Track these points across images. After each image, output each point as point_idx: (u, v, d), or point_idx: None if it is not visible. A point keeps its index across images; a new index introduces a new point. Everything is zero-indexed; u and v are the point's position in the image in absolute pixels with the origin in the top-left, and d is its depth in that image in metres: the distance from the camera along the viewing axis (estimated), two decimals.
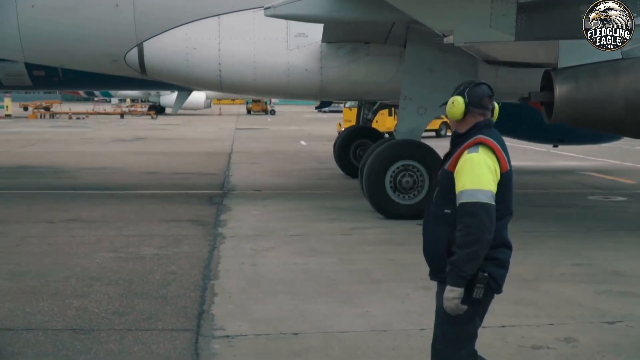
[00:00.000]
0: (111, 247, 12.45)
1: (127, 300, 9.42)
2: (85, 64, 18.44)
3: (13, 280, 10.34)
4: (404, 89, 16.29)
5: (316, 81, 17.62)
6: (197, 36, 17.49)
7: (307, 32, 17.25)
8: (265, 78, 17.61)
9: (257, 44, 17.48)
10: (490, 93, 5.58)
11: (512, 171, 5.44)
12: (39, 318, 8.70)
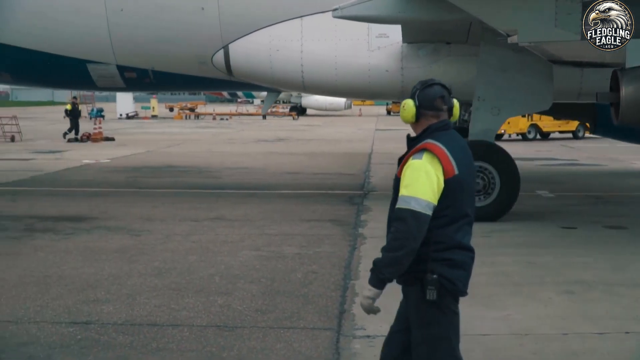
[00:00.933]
0: (254, 246, 12.61)
1: (270, 299, 9.52)
2: (174, 66, 18.87)
3: (159, 277, 10.57)
4: (477, 89, 15.99)
5: (397, 82, 17.50)
6: (280, 38, 17.67)
7: (389, 33, 17.11)
8: (346, 79, 17.65)
9: (338, 45, 17.54)
10: (441, 93, 5.40)
11: (465, 175, 5.28)
12: (184, 314, 8.88)
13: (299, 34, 17.61)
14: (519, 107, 16.80)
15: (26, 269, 11.00)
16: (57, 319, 8.61)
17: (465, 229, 5.33)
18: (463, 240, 5.30)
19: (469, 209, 5.34)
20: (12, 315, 8.77)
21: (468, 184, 5.34)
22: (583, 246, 12.91)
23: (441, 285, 5.20)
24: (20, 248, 12.54)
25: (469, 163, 5.40)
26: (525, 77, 15.76)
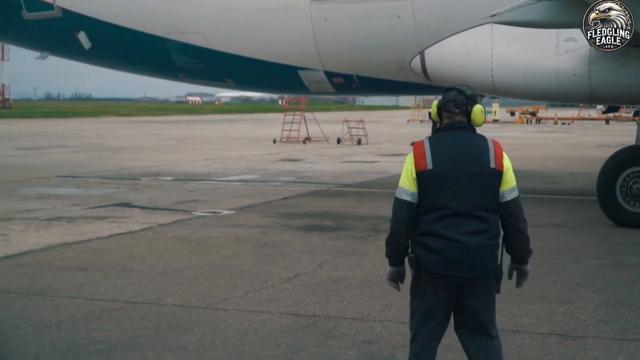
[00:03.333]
0: (596, 254, 12.32)
1: (613, 309, 9.26)
2: (377, 71, 19.47)
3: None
4: None
5: (585, 85, 17.11)
6: (471, 43, 17.83)
7: (577, 37, 16.27)
8: (534, 82, 17.59)
9: (527, 48, 17.44)
10: (453, 97, 5.88)
11: (444, 170, 5.72)
12: (525, 320, 8.84)
13: (490, 39, 17.79)
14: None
15: (372, 268, 11.41)
16: (400, 319, 8.82)
17: (448, 220, 5.70)
18: (442, 229, 5.69)
19: (451, 202, 5.69)
20: (358, 313, 9.13)
21: (450, 179, 5.71)
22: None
23: (417, 264, 5.78)
24: (366, 247, 13.02)
25: (459, 162, 5.74)
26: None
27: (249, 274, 11.04)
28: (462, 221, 5.70)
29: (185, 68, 21.16)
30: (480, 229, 5.70)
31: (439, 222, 5.71)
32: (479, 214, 5.71)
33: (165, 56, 20.77)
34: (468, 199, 5.71)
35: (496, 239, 5.80)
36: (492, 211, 5.77)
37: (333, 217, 16.14)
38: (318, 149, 38.48)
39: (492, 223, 5.76)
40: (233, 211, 17.09)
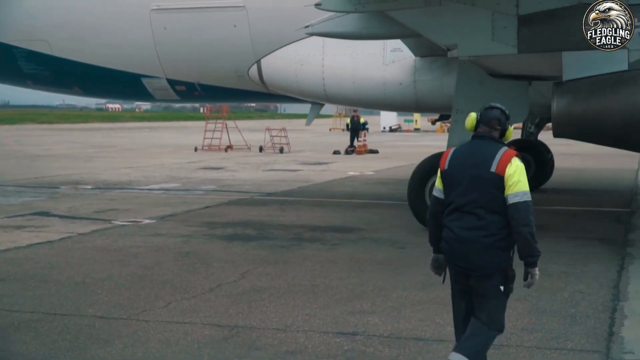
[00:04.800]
0: (519, 263, 12.38)
1: (536, 317, 9.33)
2: (217, 79, 20.12)
3: (423, 290, 10.61)
4: (455, 102, 15.77)
5: (411, 94, 18.18)
6: (304, 53, 18.69)
7: (403, 48, 17.42)
8: (363, 91, 18.56)
9: (356, 59, 18.37)
10: (497, 116, 6.64)
11: (454, 171, 6.58)
12: (449, 330, 8.84)
13: (321, 49, 18.62)
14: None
15: (295, 278, 11.35)
16: (324, 329, 8.81)
17: (454, 214, 6.55)
18: (449, 222, 6.58)
19: (456, 198, 6.52)
20: (281, 324, 9.04)
21: (456, 179, 6.54)
22: None
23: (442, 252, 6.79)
24: (289, 257, 12.96)
25: (465, 164, 6.52)
26: (501, 90, 15.45)
27: (171, 284, 10.90)
28: (462, 216, 6.47)
29: (33, 75, 21.46)
30: (476, 226, 6.39)
31: (448, 215, 6.60)
32: (477, 211, 6.39)
33: (13, 63, 21.01)
34: (467, 197, 6.44)
35: (494, 237, 6.39)
36: (493, 212, 6.38)
37: (256, 226, 16.04)
38: (240, 158, 38.35)
39: (490, 222, 6.38)
40: (154, 220, 16.89)
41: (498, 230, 6.38)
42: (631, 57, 12.96)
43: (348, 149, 41.86)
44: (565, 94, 13.52)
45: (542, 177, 23.32)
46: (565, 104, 13.50)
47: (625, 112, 12.86)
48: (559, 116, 13.60)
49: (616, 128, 13.02)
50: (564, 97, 13.52)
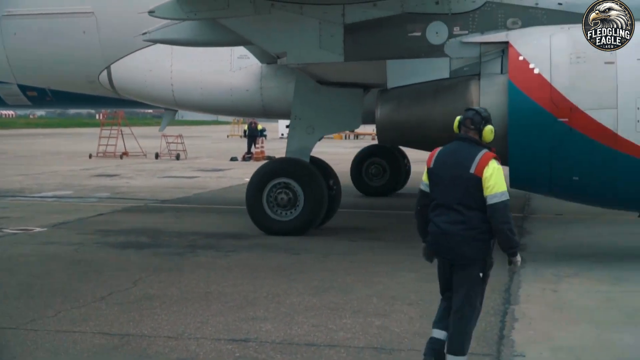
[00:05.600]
0: (411, 267, 12.51)
1: (428, 322, 9.39)
2: (68, 85, 20.09)
3: (317, 296, 10.61)
4: (293, 108, 16.33)
5: (257, 100, 18.72)
6: (153, 59, 18.84)
7: (249, 55, 17.79)
8: (211, 97, 18.93)
9: (204, 65, 18.71)
10: (470, 116, 7.31)
11: (438, 170, 7.24)
12: (341, 335, 8.87)
13: (170, 55, 18.80)
14: (332, 126, 17.71)
15: (188, 285, 11.23)
16: (216, 336, 8.75)
17: (438, 209, 7.22)
18: (434, 217, 7.25)
19: (439, 195, 7.20)
20: (173, 331, 8.94)
21: (440, 177, 7.21)
22: None
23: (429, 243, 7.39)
24: (183, 264, 12.83)
25: (448, 164, 7.19)
26: (336, 98, 16.13)
27: (61, 293, 10.68)
28: (445, 212, 7.13)
29: None
30: (457, 220, 7.05)
31: (433, 211, 7.25)
32: (458, 207, 7.05)
33: None
34: (449, 194, 7.10)
35: (474, 230, 7.02)
36: (472, 208, 7.01)
37: (150, 234, 15.85)
38: (135, 164, 37.90)
39: (470, 217, 7.01)
40: (45, 228, 16.55)
41: (478, 224, 7.02)
42: (453, 65, 13.53)
43: (245, 155, 41.74)
44: (389, 101, 14.02)
45: (397, 181, 23.85)
46: (389, 110, 13.99)
47: (446, 119, 13.17)
48: (383, 122, 14.08)
49: (437, 134, 13.24)
50: (388, 104, 14.01)
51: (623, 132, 12.06)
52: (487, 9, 13.69)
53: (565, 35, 12.80)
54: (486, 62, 13.53)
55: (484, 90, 13.19)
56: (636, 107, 12.03)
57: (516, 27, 13.54)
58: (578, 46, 12.48)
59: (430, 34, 13.81)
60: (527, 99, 12.51)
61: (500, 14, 13.67)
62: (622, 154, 12.10)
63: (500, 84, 13.04)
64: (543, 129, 12.44)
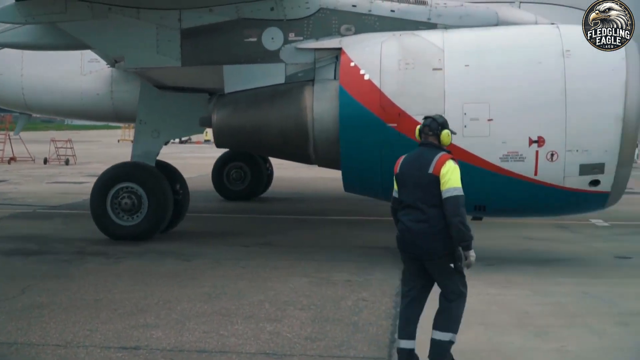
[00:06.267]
0: (303, 272, 12.52)
1: (319, 326, 9.42)
2: None
3: (208, 302, 10.54)
4: (138, 112, 16.51)
5: (108, 104, 18.81)
6: (3, 63, 18.77)
7: (99, 59, 17.70)
8: (62, 101, 18.96)
9: (54, 69, 18.67)
10: (428, 124, 7.96)
11: (405, 174, 7.87)
12: (232, 341, 8.82)
13: (20, 59, 18.70)
14: (177, 131, 17.87)
15: (77, 293, 11.03)
16: (106, 344, 8.61)
17: (405, 210, 7.82)
18: (401, 217, 7.86)
19: (405, 196, 7.82)
20: (62, 339, 8.77)
21: (405, 181, 7.84)
22: (638, 276, 12.68)
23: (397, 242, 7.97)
24: (72, 271, 12.60)
25: (411, 168, 7.83)
26: (182, 102, 16.35)
27: None
28: (410, 211, 7.73)
29: None
30: (422, 219, 7.62)
31: (401, 211, 7.87)
32: (421, 207, 7.63)
33: None
34: (413, 195, 7.71)
35: (436, 227, 7.55)
36: (434, 206, 7.58)
37: (38, 241, 15.52)
38: (23, 170, 37.07)
39: (432, 215, 7.57)
40: None
41: (439, 221, 7.56)
42: (288, 71, 13.77)
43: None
44: (226, 106, 14.12)
45: (258, 186, 23.98)
46: (225, 115, 14.07)
47: (281, 123, 13.58)
48: (219, 127, 14.13)
49: (273, 138, 13.73)
50: (224, 108, 14.11)
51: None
52: (322, 16, 13.92)
53: (395, 42, 13.10)
54: (320, 67, 13.77)
55: (317, 95, 13.41)
56: (463, 112, 12.37)
57: (350, 34, 13.78)
58: (407, 53, 12.84)
59: (265, 39, 14.00)
60: (357, 105, 12.74)
61: (334, 21, 13.89)
62: None
63: (333, 89, 13.26)
64: (373, 134, 12.68)
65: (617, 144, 12.37)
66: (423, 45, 13.00)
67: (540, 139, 12.32)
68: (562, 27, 13.12)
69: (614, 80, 12.43)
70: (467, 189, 12.85)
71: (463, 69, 12.65)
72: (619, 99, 12.35)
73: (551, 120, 12.21)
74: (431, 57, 12.74)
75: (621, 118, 12.33)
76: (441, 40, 13.00)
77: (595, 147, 12.29)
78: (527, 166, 12.36)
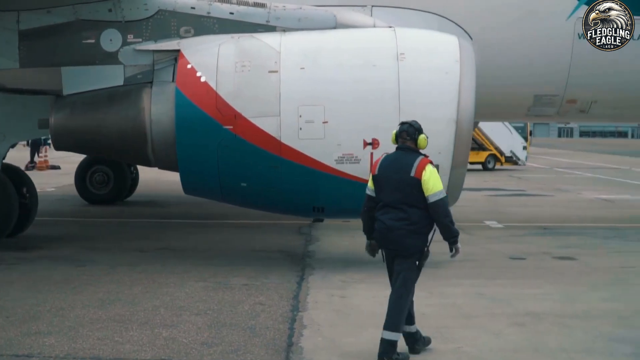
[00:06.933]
0: (200, 277, 12.42)
1: (216, 331, 9.35)
2: None
3: (103, 308, 10.37)
4: None
5: None
6: None
7: None
8: None
9: None
10: (406, 129, 8.60)
11: (383, 176, 8.44)
12: (127, 347, 8.69)
13: None
14: (24, 133, 17.57)
15: None
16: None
17: (383, 209, 8.41)
18: (380, 215, 8.44)
19: (385, 197, 8.40)
20: None
21: (385, 182, 8.40)
22: (532, 277, 12.92)
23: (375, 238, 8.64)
24: None
25: (390, 170, 8.40)
26: (28, 103, 15.89)
27: None
28: (390, 210, 8.32)
29: None
30: (401, 217, 8.25)
31: (379, 210, 8.43)
32: (401, 206, 8.26)
33: None
34: (393, 196, 8.32)
35: (415, 225, 8.25)
36: (413, 206, 8.24)
37: None
38: None
39: (411, 214, 8.23)
40: None
41: (417, 220, 8.25)
42: (127, 73, 13.70)
43: (28, 164, 40.34)
44: (63, 108, 13.91)
45: (122, 190, 23.66)
46: (63, 117, 13.87)
47: (119, 126, 13.49)
48: (57, 129, 13.93)
49: (112, 141, 13.62)
50: (62, 110, 13.90)
51: (286, 140, 12.52)
52: (161, 17, 13.86)
53: (233, 45, 13.15)
54: (159, 69, 13.69)
55: (155, 98, 13.36)
56: (298, 115, 12.49)
57: (189, 36, 13.76)
58: (244, 55, 12.90)
59: (104, 41, 13.85)
60: (193, 106, 12.74)
61: (174, 22, 13.86)
62: (286, 160, 12.58)
63: (170, 91, 13.20)
64: (210, 136, 12.70)
65: (450, 146, 12.63)
66: (260, 47, 13.05)
67: (374, 141, 12.47)
68: (398, 30, 13.36)
69: (447, 83, 12.72)
70: (305, 191, 13.08)
71: (299, 71, 12.74)
72: (452, 101, 12.64)
73: (385, 123, 12.24)
74: (267, 60, 12.79)
75: (454, 120, 12.61)
76: (278, 42, 13.07)
77: (429, 149, 12.53)
78: (362, 168, 12.44)
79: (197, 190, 13.71)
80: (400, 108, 12.43)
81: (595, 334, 9.48)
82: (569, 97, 16.93)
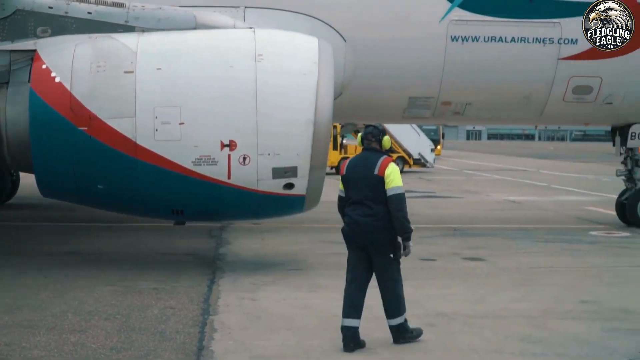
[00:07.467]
0: (108, 281, 12.24)
1: (125, 336, 9.22)
2: None
3: (9, 313, 10.15)
4: None
5: None
6: None
7: None
8: None
9: None
10: (370, 131, 9.20)
11: (351, 175, 9.06)
12: (35, 353, 8.51)
13: None
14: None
15: None
16: None
17: (352, 206, 8.98)
18: (349, 212, 9.00)
19: (353, 195, 9.00)
20: None
21: (353, 181, 9.01)
22: (443, 278, 13.05)
23: (343, 233, 9.18)
24: None
25: (357, 170, 9.04)
26: None
27: None
28: (358, 207, 8.92)
29: None
30: (368, 213, 8.84)
31: (349, 207, 9.02)
32: (367, 203, 8.85)
33: None
34: (360, 193, 8.92)
35: (381, 221, 8.80)
36: (379, 202, 8.81)
37: None
38: None
39: (377, 210, 8.80)
40: None
41: (383, 215, 8.81)
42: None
43: None
44: None
45: (1, 193, 23.07)
46: None
47: None
48: None
49: None
50: None
51: (142, 141, 12.40)
52: (18, 17, 13.66)
53: (89, 45, 13.04)
54: (15, 70, 13.45)
55: (10, 98, 13.17)
56: (154, 116, 12.40)
57: (46, 36, 13.58)
58: (100, 55, 12.78)
59: None
60: (47, 108, 12.56)
61: (31, 22, 13.66)
62: (142, 162, 12.47)
63: (26, 92, 12.98)
64: (64, 138, 12.53)
65: (308, 147, 12.67)
66: (116, 47, 12.93)
67: (232, 142, 12.43)
68: (258, 31, 13.40)
69: (305, 85, 12.78)
70: (162, 193, 12.98)
71: (155, 72, 12.66)
72: (310, 103, 12.68)
73: (243, 124, 12.35)
74: (123, 60, 12.66)
75: (312, 122, 12.65)
76: (135, 43, 12.95)
77: (287, 151, 12.53)
78: (220, 170, 12.45)
79: (54, 193, 13.43)
80: (258, 109, 12.40)
81: (505, 334, 9.61)
82: (444, 99, 17.44)
